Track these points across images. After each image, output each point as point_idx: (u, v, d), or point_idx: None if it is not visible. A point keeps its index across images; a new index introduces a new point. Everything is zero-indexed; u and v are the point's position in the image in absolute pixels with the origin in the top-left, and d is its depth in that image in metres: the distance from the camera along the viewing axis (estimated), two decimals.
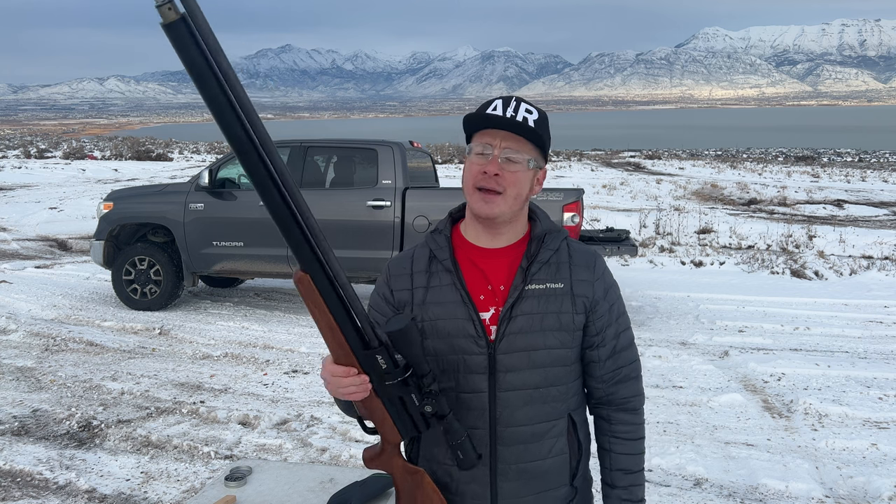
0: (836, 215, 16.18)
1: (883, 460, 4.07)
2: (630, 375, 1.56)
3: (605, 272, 1.55)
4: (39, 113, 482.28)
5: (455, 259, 1.51)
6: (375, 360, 1.33)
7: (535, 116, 1.45)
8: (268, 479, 1.96)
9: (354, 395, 1.34)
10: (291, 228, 1.23)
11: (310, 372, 5.61)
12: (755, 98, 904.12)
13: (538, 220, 1.55)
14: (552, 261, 1.50)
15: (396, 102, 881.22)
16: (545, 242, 1.51)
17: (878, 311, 7.61)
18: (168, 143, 46.90)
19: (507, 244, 1.52)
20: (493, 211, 1.45)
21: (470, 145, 1.48)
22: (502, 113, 1.42)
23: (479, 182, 1.44)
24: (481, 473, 1.49)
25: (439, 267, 1.51)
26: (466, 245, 1.53)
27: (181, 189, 7.44)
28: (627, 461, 1.56)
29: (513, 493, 1.49)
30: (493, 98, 1.48)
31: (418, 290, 1.51)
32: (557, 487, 1.52)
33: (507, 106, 1.44)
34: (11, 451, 4.13)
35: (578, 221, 6.54)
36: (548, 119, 1.50)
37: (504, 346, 1.45)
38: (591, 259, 1.54)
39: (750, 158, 42.50)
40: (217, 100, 1.11)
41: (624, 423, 1.56)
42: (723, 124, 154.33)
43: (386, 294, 1.55)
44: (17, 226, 13.40)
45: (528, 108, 1.45)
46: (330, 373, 1.33)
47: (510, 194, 1.44)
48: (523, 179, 1.45)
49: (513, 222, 1.51)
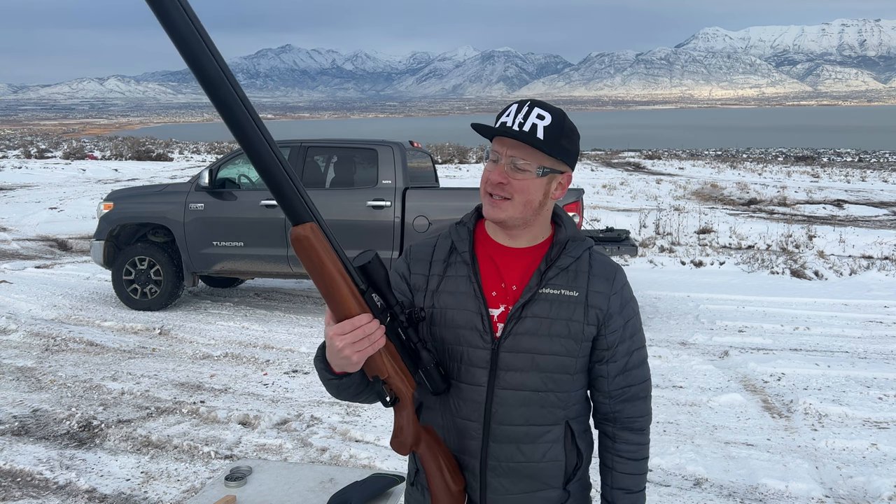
0: (836, 215, 16.18)
1: (883, 460, 4.07)
2: (639, 395, 1.55)
3: (624, 287, 1.53)
4: (39, 113, 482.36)
5: (474, 253, 1.52)
6: (372, 300, 1.34)
7: (547, 122, 1.41)
8: (268, 479, 1.97)
9: (380, 341, 1.32)
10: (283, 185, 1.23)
11: (310, 372, 5.61)
12: (755, 98, 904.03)
13: (564, 225, 1.54)
14: (571, 268, 1.50)
15: (396, 102, 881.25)
16: (567, 249, 1.50)
17: (878, 311, 7.61)
18: (168, 143, 46.91)
19: (527, 245, 1.52)
20: (500, 216, 1.46)
21: (488, 150, 1.49)
22: (511, 121, 1.41)
23: (488, 188, 1.46)
24: (472, 464, 1.50)
25: (458, 258, 1.52)
26: (488, 240, 1.54)
27: (181, 189, 7.44)
28: (629, 481, 1.55)
29: (501, 489, 1.50)
30: (512, 103, 1.46)
31: (434, 278, 1.53)
32: (548, 489, 1.52)
33: (518, 113, 1.42)
34: (11, 450, 4.13)
35: (578, 221, 6.55)
36: (564, 121, 1.43)
37: (509, 344, 1.46)
38: (611, 272, 1.52)
39: (750, 158, 42.51)
40: (190, 41, 1.11)
41: (628, 442, 1.55)
42: (723, 124, 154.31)
43: (404, 272, 1.57)
44: (17, 226, 13.40)
45: (539, 114, 1.41)
46: (354, 326, 1.28)
47: (518, 201, 1.44)
48: (532, 187, 1.44)
49: (528, 226, 1.50)
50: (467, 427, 1.48)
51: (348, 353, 1.29)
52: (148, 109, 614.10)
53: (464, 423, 1.48)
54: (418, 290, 1.54)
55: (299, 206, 1.25)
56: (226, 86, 1.14)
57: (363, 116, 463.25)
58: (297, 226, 1.26)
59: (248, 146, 1.19)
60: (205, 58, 1.12)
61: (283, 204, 1.25)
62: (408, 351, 1.42)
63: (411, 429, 1.45)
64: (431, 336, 1.51)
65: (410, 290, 1.55)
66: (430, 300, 1.51)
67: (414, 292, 1.54)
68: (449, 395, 1.49)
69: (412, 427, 1.45)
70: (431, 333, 1.50)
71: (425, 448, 1.47)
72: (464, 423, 1.48)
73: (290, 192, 1.24)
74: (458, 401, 1.49)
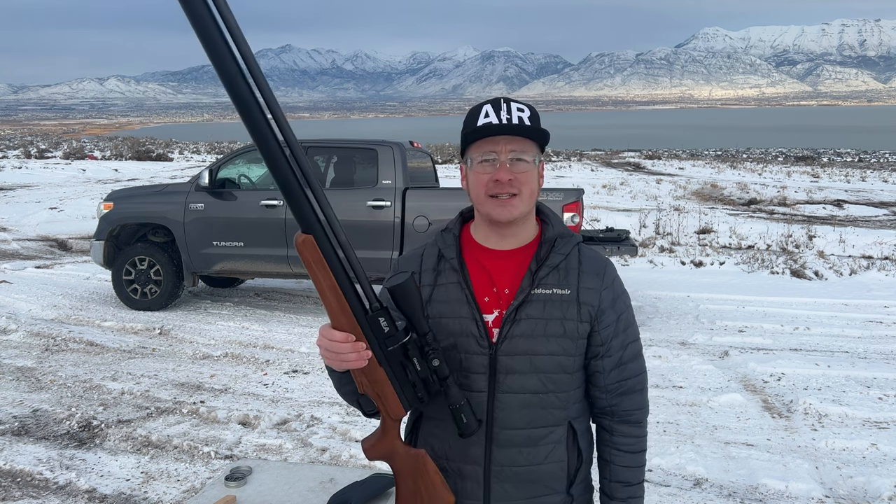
0: (835, 215, 16.18)
1: (883, 460, 4.07)
2: (635, 388, 1.55)
3: (614, 281, 1.53)
4: (39, 113, 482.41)
5: (462, 259, 1.51)
6: (378, 322, 1.32)
7: (528, 114, 1.44)
8: (268, 479, 1.96)
9: (353, 363, 1.31)
10: (294, 190, 1.21)
11: (310, 372, 5.61)
12: (755, 98, 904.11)
13: (550, 223, 1.54)
14: (562, 266, 1.49)
15: (396, 102, 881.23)
16: (556, 247, 1.50)
17: (878, 311, 7.61)
18: (168, 143, 46.90)
19: (515, 246, 1.51)
20: (514, 213, 1.45)
21: (469, 156, 1.47)
22: (497, 119, 1.42)
23: (493, 190, 1.44)
24: (475, 472, 1.48)
25: (447, 266, 1.51)
26: (474, 245, 1.54)
27: (181, 189, 7.44)
28: (627, 473, 1.55)
29: (505, 495, 1.49)
30: (481, 104, 1.47)
31: (425, 288, 1.51)
32: (552, 494, 1.51)
33: (499, 110, 1.43)
34: (11, 451, 4.13)
35: (578, 221, 6.55)
36: (538, 111, 1.49)
37: (506, 347, 1.45)
38: (600, 267, 1.52)
39: (750, 158, 42.50)
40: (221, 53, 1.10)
41: (626, 434, 1.55)
42: (723, 124, 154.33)
43: None
44: (17, 226, 13.40)
45: (519, 107, 1.44)
46: (328, 338, 1.30)
47: (525, 193, 1.45)
48: (532, 177, 1.46)
49: (525, 222, 1.51)
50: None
51: (327, 361, 1.33)
52: (148, 109, 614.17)
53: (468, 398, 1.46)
54: None
55: (302, 213, 1.24)
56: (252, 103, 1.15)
57: (363, 116, 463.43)
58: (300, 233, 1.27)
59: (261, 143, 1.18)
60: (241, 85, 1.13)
61: (290, 208, 1.24)
62: (410, 380, 1.38)
63: (383, 442, 1.42)
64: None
65: None
66: (424, 310, 1.50)
67: None
68: None
69: (385, 441, 1.42)
70: None
71: (402, 465, 1.44)
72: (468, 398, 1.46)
73: (298, 196, 1.22)
74: None
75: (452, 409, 1.40)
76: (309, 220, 1.24)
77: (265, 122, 1.16)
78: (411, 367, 1.37)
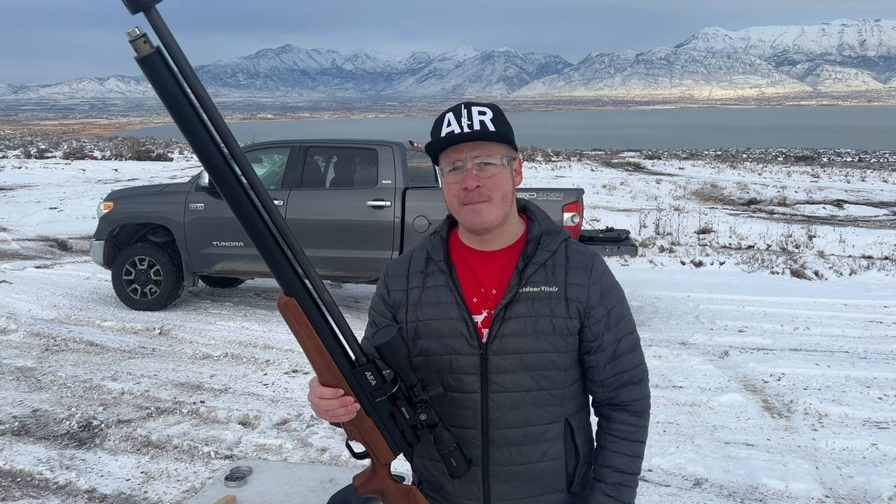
0: (835, 215, 16.18)
1: (883, 460, 4.07)
2: (632, 380, 1.53)
3: (602, 275, 1.51)
4: (39, 113, 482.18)
5: (450, 260, 1.52)
6: (364, 376, 1.34)
7: (491, 115, 1.44)
8: (268, 479, 1.96)
9: (342, 417, 1.33)
10: (274, 254, 1.22)
11: (310, 372, 5.61)
12: (755, 98, 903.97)
13: (536, 220, 1.54)
14: (549, 263, 1.49)
15: (396, 102, 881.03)
16: (542, 244, 1.50)
17: (878, 311, 7.61)
18: (168, 143, 46.88)
19: (501, 247, 1.52)
20: (486, 219, 1.45)
21: (440, 167, 1.48)
22: (458, 127, 1.42)
23: (464, 199, 1.44)
24: (474, 474, 1.48)
25: (434, 268, 1.52)
26: (462, 247, 1.54)
27: (181, 189, 7.44)
28: (619, 460, 1.51)
29: (505, 495, 1.49)
30: (443, 114, 1.47)
31: (413, 291, 1.52)
32: (552, 492, 1.51)
33: (459, 117, 1.43)
34: (11, 451, 4.13)
35: (578, 221, 6.54)
36: (500, 110, 1.47)
37: (496, 347, 1.45)
38: (587, 262, 1.51)
39: (750, 158, 42.47)
40: (194, 128, 1.11)
41: (623, 422, 1.53)
42: (723, 124, 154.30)
43: (383, 294, 1.58)
44: (17, 226, 13.40)
45: (481, 110, 1.44)
46: (318, 395, 1.33)
47: (496, 198, 1.45)
48: (503, 179, 1.46)
49: (504, 225, 1.50)
50: (466, 436, 1.47)
51: (317, 414, 1.36)
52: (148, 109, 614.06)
53: (462, 433, 1.47)
54: (400, 307, 1.53)
55: (284, 276, 1.24)
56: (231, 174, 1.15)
57: (363, 116, 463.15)
58: (282, 295, 1.28)
59: (238, 210, 1.18)
60: (217, 157, 1.14)
61: (272, 271, 1.25)
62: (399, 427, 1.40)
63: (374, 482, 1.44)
64: (417, 349, 1.49)
65: (392, 310, 1.55)
66: (413, 313, 1.51)
67: (396, 310, 1.54)
68: (443, 407, 1.46)
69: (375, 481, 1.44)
70: (417, 346, 1.49)
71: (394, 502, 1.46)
72: (462, 433, 1.47)
73: (278, 259, 1.23)
74: (453, 410, 1.47)
75: (442, 454, 1.42)
76: (291, 282, 1.25)
77: (241, 188, 1.16)
78: (400, 415, 1.39)
